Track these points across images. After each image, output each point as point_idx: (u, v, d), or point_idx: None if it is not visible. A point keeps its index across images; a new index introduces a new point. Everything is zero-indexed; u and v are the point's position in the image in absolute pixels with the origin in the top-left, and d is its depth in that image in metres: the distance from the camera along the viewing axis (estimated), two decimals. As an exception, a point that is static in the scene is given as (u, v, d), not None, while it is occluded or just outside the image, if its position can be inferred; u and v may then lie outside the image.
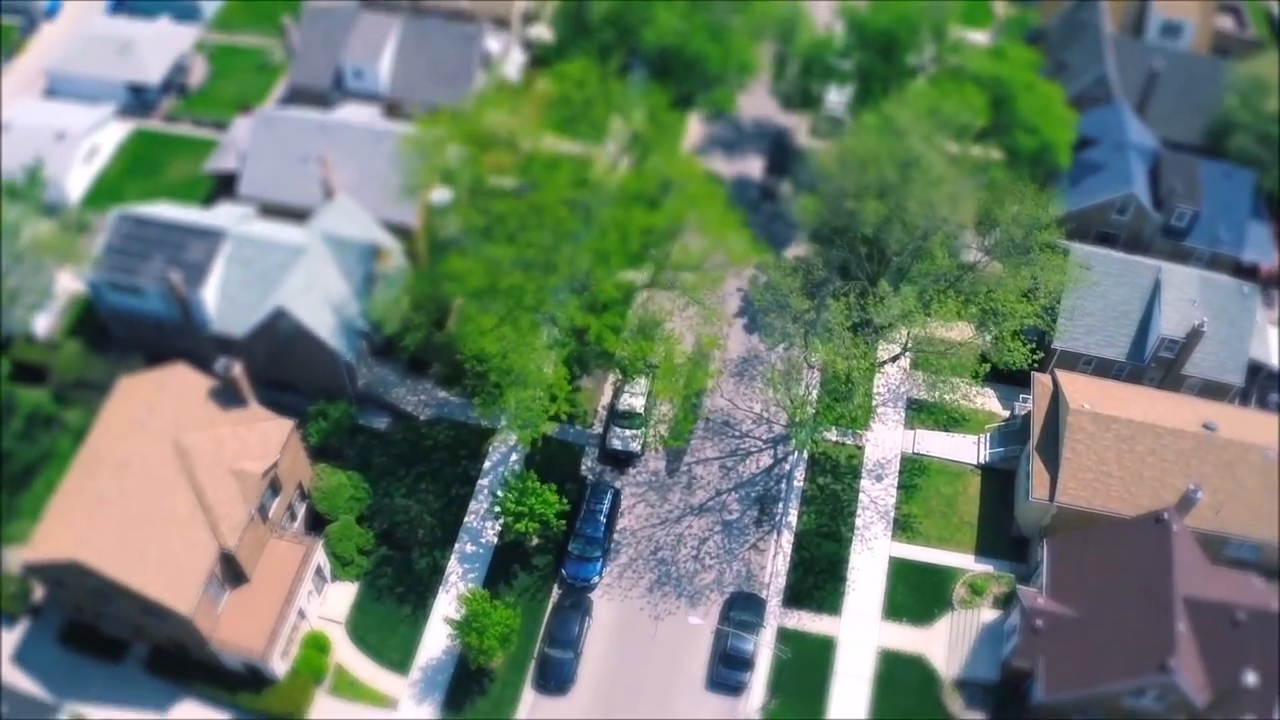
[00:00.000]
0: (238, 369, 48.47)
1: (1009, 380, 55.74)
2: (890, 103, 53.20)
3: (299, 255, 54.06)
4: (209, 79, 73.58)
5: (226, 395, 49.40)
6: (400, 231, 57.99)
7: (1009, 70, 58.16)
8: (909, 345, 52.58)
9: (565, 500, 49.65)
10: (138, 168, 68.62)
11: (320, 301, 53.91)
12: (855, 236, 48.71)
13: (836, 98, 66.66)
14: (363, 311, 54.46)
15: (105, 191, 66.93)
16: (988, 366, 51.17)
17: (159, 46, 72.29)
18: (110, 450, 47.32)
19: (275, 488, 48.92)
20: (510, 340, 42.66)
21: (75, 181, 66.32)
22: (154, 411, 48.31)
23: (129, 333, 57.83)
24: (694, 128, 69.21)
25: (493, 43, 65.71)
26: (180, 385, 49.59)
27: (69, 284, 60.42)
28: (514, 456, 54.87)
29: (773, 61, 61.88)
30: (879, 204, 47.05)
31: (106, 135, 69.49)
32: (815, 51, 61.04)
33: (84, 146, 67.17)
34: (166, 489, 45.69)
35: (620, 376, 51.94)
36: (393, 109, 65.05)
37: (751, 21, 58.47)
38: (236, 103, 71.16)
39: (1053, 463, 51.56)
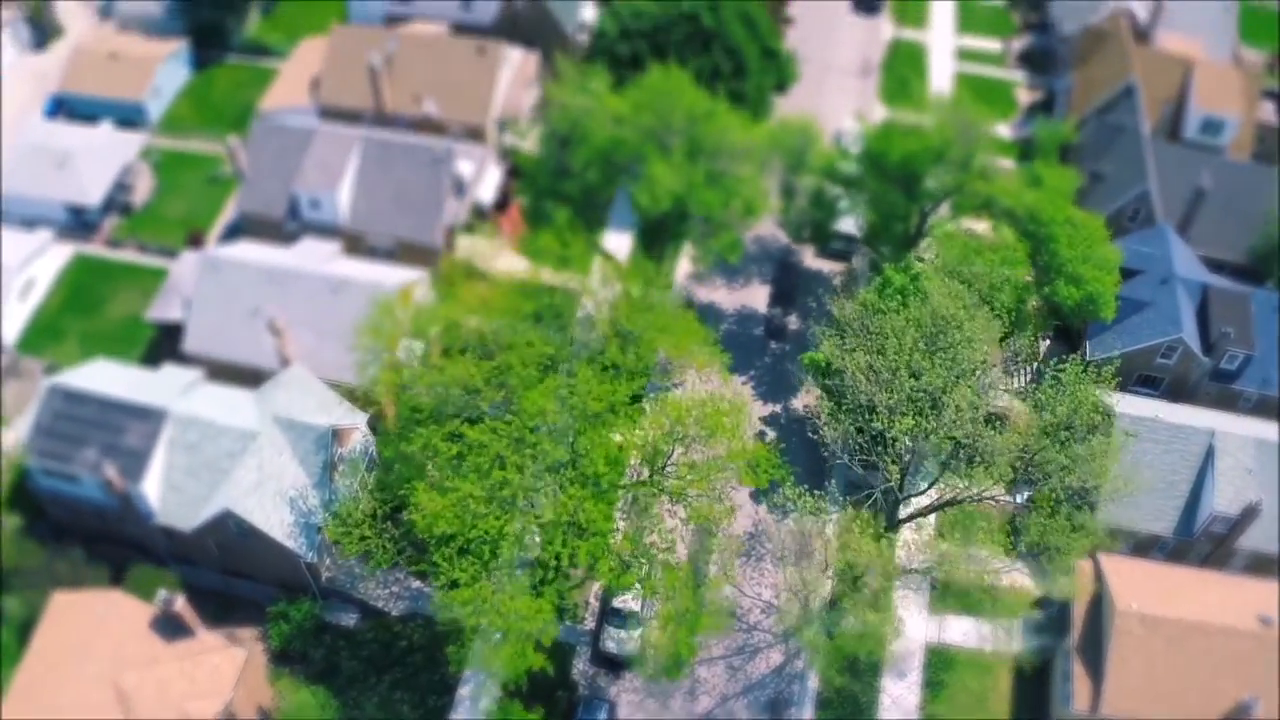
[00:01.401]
0: (180, 603, 43.96)
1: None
2: (917, 265, 48.26)
3: (249, 442, 49.35)
4: (155, 193, 68.34)
5: (171, 625, 44.82)
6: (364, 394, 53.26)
7: (1046, 202, 53.03)
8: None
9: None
10: (78, 302, 63.62)
11: (274, 496, 49.21)
12: (886, 456, 43.77)
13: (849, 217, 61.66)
14: (324, 502, 49.77)
15: (43, 330, 62.09)
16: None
17: (100, 160, 67.04)
18: (42, 691, 42.92)
19: (228, 728, 44.51)
20: (485, 598, 37.97)
21: (9, 322, 61.31)
22: (90, 647, 43.91)
23: (68, 515, 53.22)
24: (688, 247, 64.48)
25: (465, 164, 60.33)
26: (118, 616, 45.12)
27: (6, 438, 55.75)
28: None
29: (780, 189, 56.62)
30: (915, 421, 42.10)
31: (44, 264, 64.40)
32: (828, 169, 55.99)
33: (19, 282, 62.12)
34: (103, 747, 41.28)
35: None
36: (354, 242, 59.83)
37: (759, 154, 53.20)
38: (185, 225, 66.12)
39: (1095, 667, 47.24)
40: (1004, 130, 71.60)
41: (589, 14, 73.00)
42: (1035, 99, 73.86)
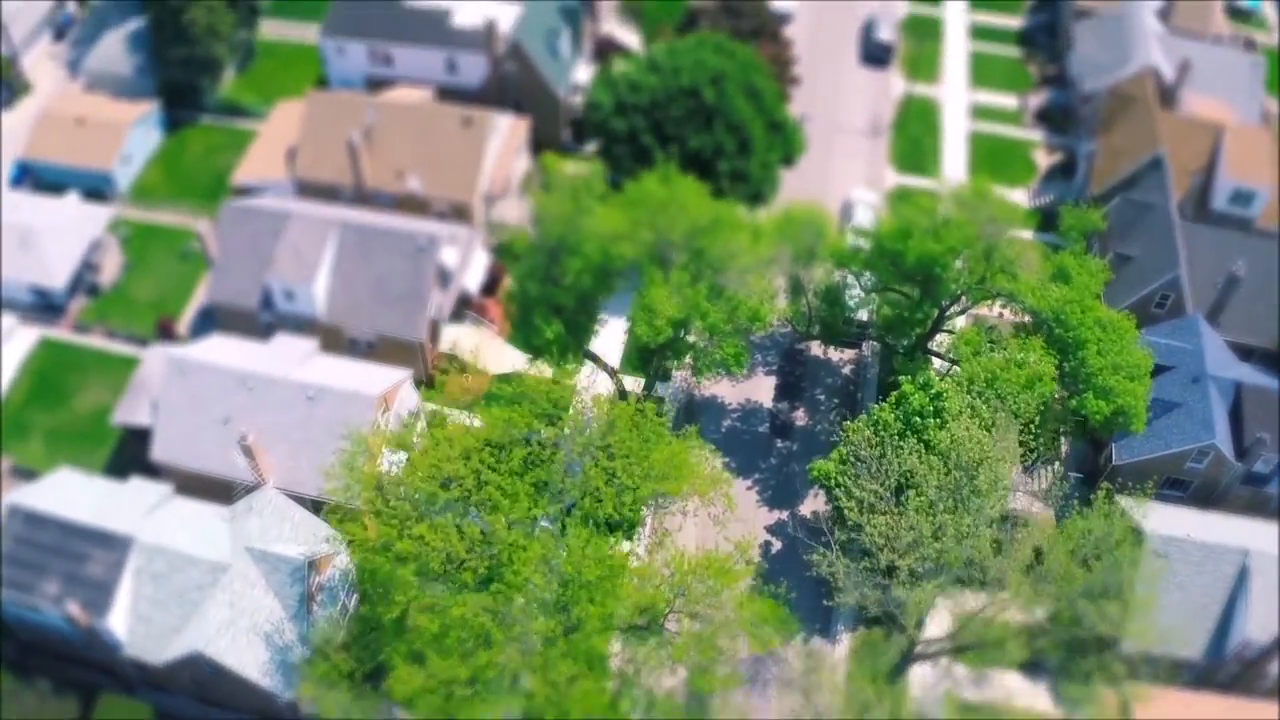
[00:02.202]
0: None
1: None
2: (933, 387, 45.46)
3: (220, 575, 46.96)
4: (124, 270, 65.50)
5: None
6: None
7: (1074, 302, 50.05)
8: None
9: None
10: (44, 393, 61.10)
11: (247, 633, 46.84)
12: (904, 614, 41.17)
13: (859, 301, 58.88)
14: (301, 636, 47.27)
15: (8, 424, 59.75)
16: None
17: (67, 237, 64.23)
18: None
19: None
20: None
21: (-28, 416, 58.78)
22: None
23: (35, 639, 50.85)
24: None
25: (449, 251, 57.36)
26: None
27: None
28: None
29: (787, 283, 53.64)
30: (937, 583, 39.45)
31: (9, 351, 61.73)
32: (839, 258, 53.07)
33: (-20, 374, 59.56)
34: None
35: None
36: (332, 335, 57.02)
37: (766, 252, 50.22)
38: (155, 308, 63.43)
39: (1123, 811, 44.90)
40: (1021, 196, 68.58)
41: (583, 74, 69.95)
42: (1054, 161, 70.70)
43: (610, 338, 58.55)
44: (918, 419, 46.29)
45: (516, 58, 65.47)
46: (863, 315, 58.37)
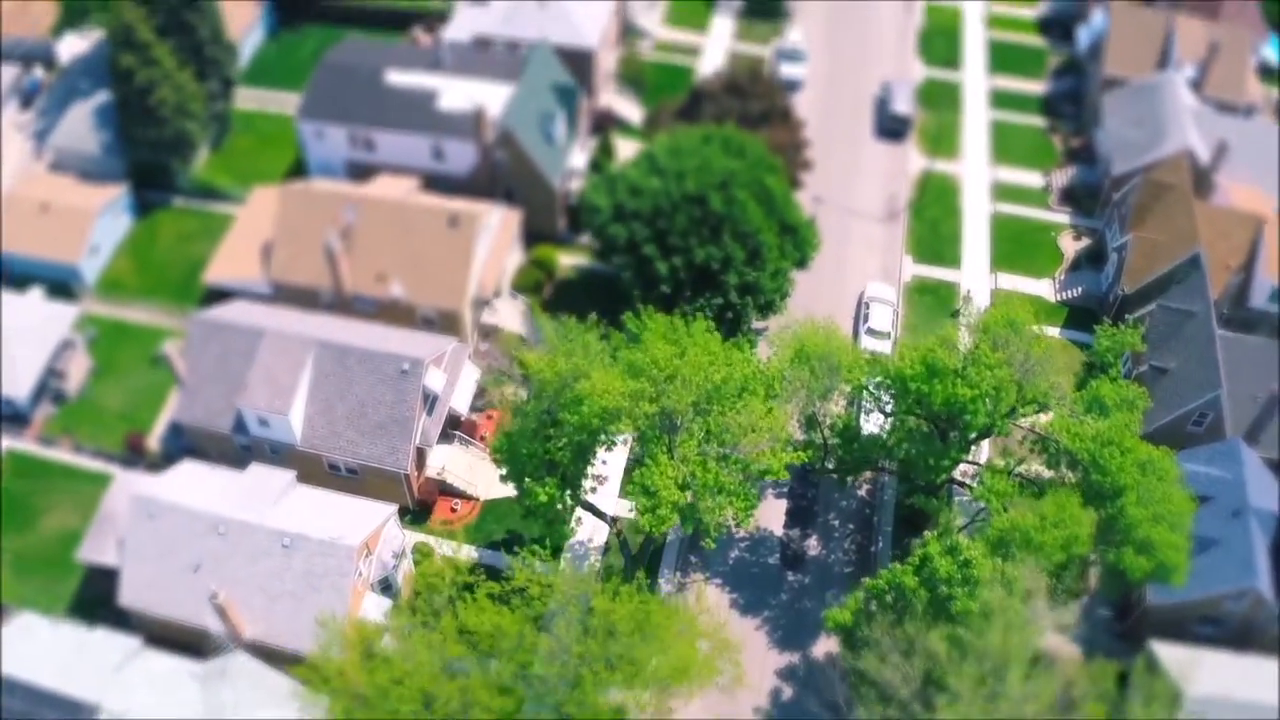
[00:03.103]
0: None
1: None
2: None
3: (191, 752, 44.00)
4: (91, 375, 62.13)
5: None
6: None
7: (1113, 440, 46.61)
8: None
9: None
10: (10, 512, 58.10)
11: (221, 813, 43.89)
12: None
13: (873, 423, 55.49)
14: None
15: (-30, 544, 56.39)
16: None
17: (31, 342, 60.91)
18: None
19: None
20: None
21: (-69, 542, 55.65)
22: None
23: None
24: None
25: (435, 375, 53.94)
26: None
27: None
28: None
29: (801, 417, 50.26)
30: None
31: (-30, 465, 58.73)
32: (855, 386, 49.71)
33: (-61, 496, 56.40)
34: None
35: None
36: (310, 463, 53.75)
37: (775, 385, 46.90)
38: (124, 420, 60.14)
39: None
40: (1046, 288, 65.06)
41: (579, 159, 66.32)
42: (1082, 247, 67.04)
43: (612, 460, 55.45)
44: (944, 587, 43.15)
45: (507, 146, 61.86)
46: (877, 429, 55.24)
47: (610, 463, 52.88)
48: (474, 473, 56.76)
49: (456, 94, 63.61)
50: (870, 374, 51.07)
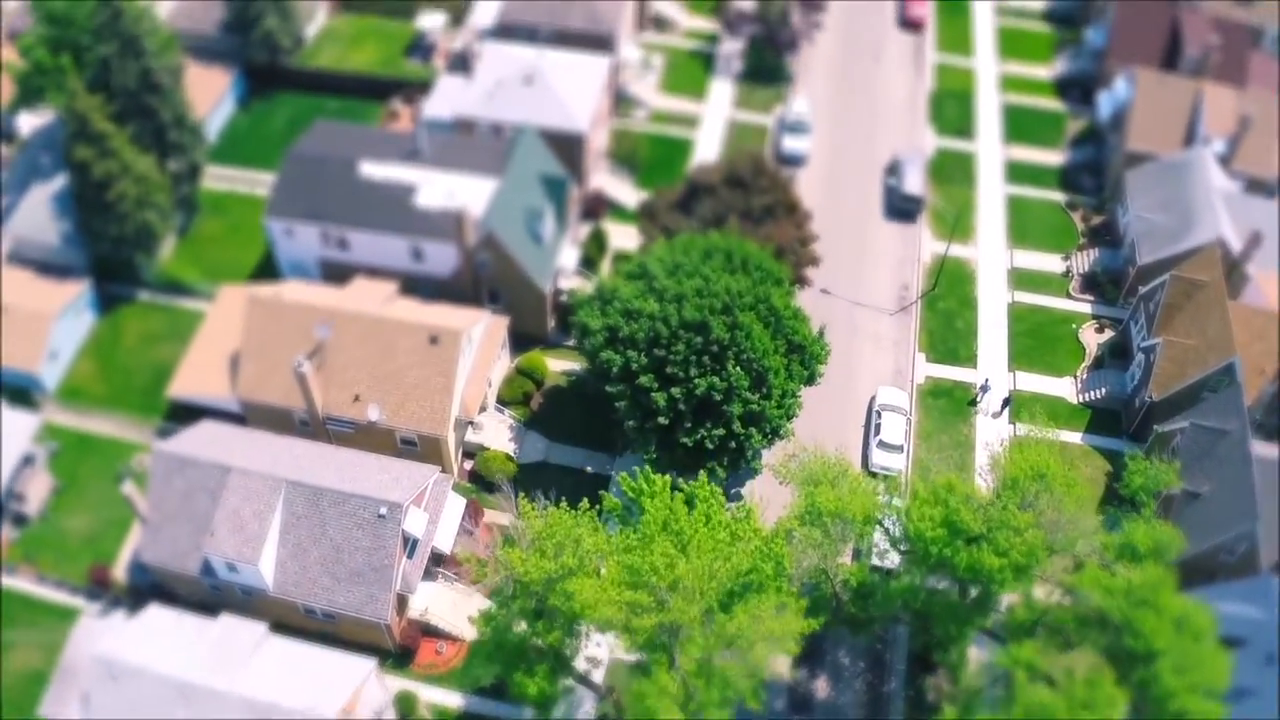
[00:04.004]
0: None
1: None
2: None
3: None
4: (54, 493, 58.42)
5: None
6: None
7: (1147, 602, 43.03)
8: None
9: None
10: (-31, 647, 54.56)
11: None
12: None
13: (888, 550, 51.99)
14: None
15: (-76, 687, 53.06)
16: None
17: (-13, 458, 57.17)
18: None
19: None
20: None
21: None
22: None
23: None
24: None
25: (415, 517, 50.23)
26: None
27: None
28: None
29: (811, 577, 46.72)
30: None
31: (-75, 595, 55.22)
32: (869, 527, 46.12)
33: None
34: None
35: None
36: (284, 611, 50.32)
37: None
38: (89, 548, 56.58)
39: None
40: (1068, 387, 61.33)
41: (569, 258, 62.44)
42: (1105, 340, 63.10)
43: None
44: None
45: (491, 249, 57.87)
46: (891, 565, 51.71)
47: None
48: (459, 612, 53.37)
49: (436, 189, 59.42)
50: (885, 512, 47.64)
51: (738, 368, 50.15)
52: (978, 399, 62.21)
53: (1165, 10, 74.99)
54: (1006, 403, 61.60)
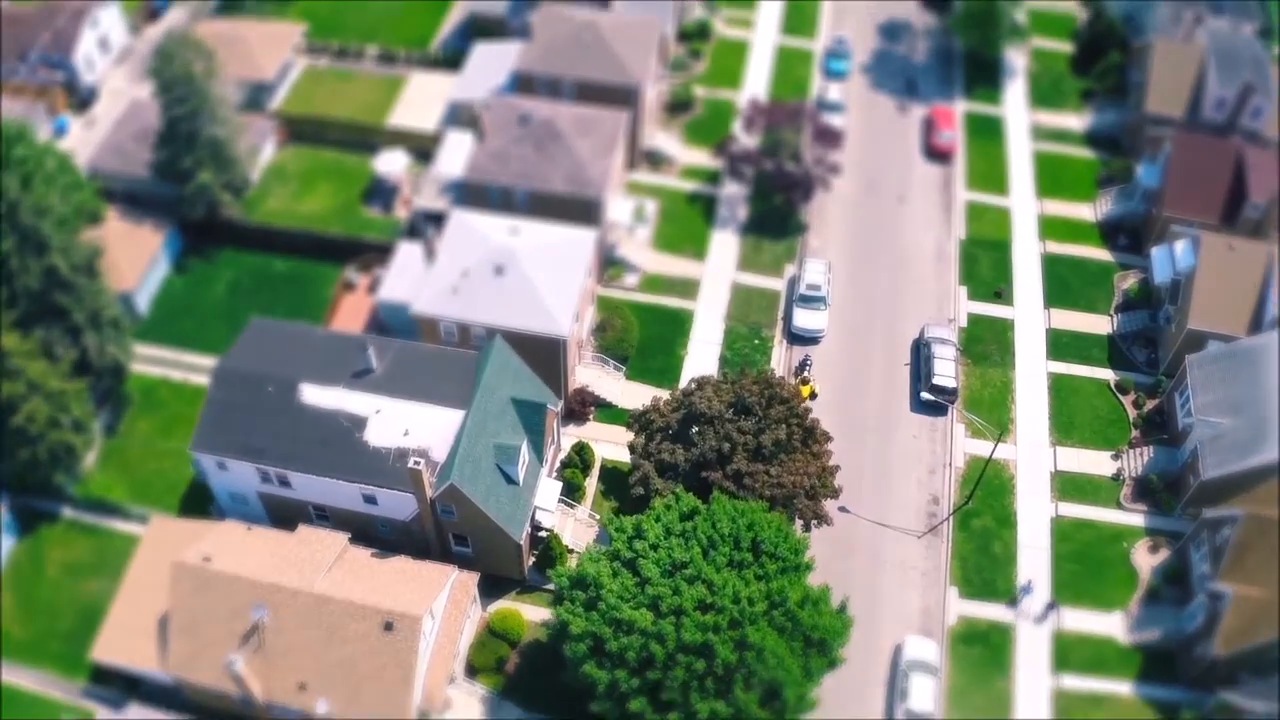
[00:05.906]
0: None
1: None
2: None
3: None
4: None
5: None
6: None
7: None
8: None
9: None
10: None
11: None
12: None
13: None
14: None
15: None
16: None
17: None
18: None
19: None
20: None
21: None
22: None
23: None
24: None
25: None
26: None
27: None
28: None
29: None
30: None
31: None
32: None
33: None
34: None
35: None
36: None
37: None
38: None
39: None
40: (1118, 624, 53.26)
41: (548, 494, 53.49)
42: (1159, 563, 54.81)
43: None
44: None
45: (455, 499, 49.47)
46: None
47: None
48: None
49: (388, 426, 50.66)
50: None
51: (746, 693, 42.22)
52: (1018, 600, 54.69)
53: (1228, 150, 65.61)
54: (1051, 606, 54.09)
